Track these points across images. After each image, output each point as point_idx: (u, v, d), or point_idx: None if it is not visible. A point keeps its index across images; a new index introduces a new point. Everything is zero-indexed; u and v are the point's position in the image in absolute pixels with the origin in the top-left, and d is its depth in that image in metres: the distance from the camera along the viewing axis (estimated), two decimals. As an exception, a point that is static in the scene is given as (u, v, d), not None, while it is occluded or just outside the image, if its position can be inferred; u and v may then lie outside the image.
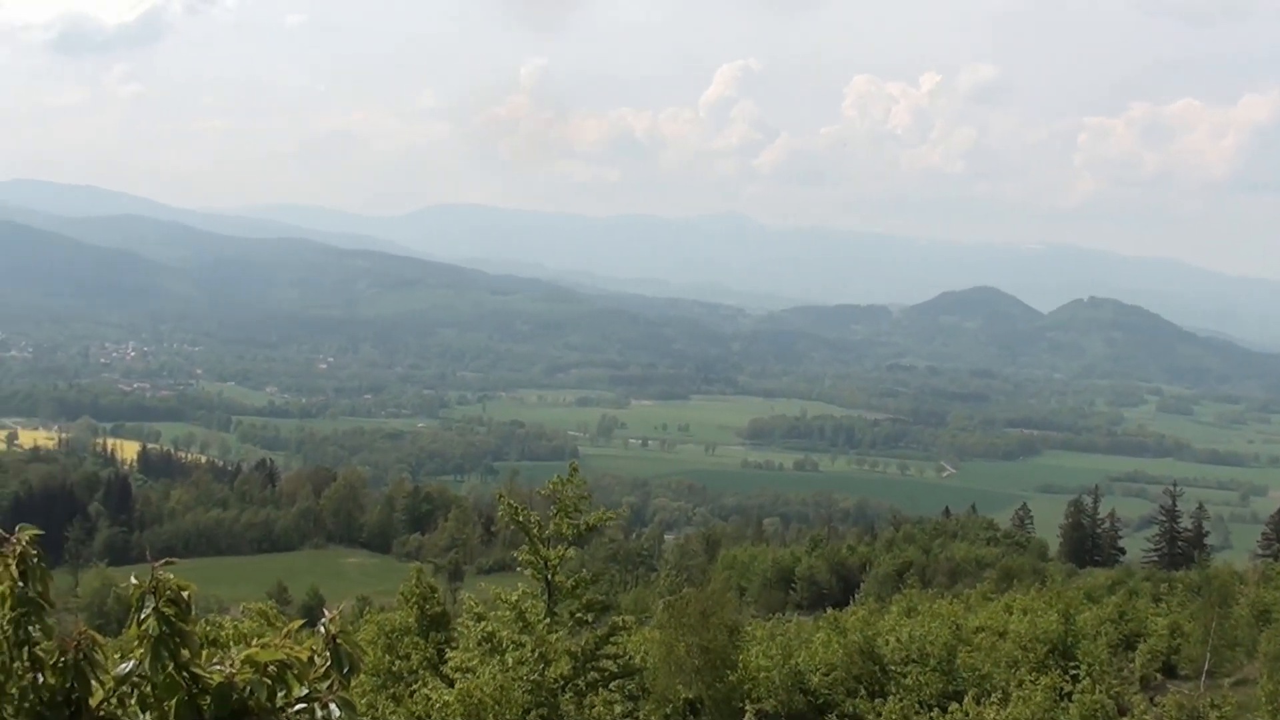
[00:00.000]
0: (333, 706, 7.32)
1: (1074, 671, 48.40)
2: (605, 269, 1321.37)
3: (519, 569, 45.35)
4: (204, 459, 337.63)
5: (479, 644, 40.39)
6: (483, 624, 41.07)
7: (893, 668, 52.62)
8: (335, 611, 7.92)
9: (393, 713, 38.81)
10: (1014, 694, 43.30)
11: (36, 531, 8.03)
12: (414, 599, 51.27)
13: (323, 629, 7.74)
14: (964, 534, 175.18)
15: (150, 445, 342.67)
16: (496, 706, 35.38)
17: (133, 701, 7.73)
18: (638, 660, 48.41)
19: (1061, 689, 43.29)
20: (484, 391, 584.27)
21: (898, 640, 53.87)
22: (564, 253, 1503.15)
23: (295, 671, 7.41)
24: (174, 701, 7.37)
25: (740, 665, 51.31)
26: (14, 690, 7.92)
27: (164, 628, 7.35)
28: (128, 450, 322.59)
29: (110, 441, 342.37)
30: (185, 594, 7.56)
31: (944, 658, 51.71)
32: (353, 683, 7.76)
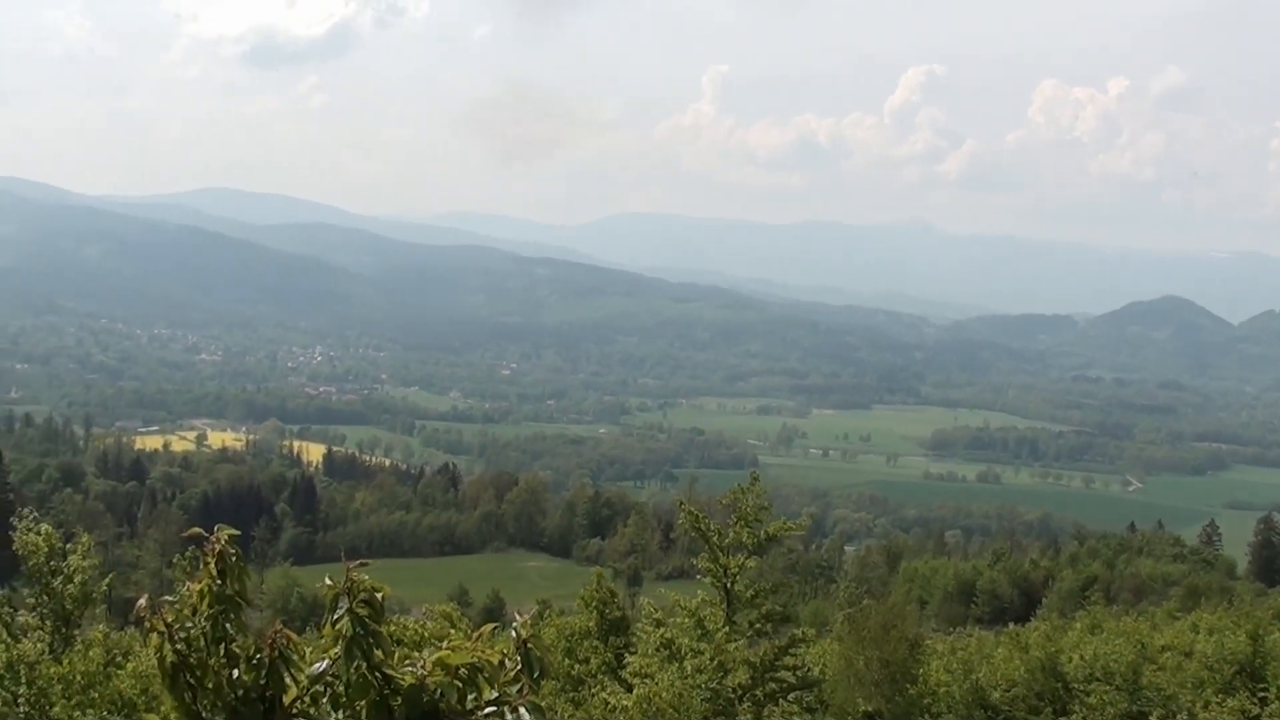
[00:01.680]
0: (522, 711, 7.45)
1: (1262, 694, 47.33)
2: (787, 276, 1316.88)
3: (698, 576, 45.35)
4: (388, 462, 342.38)
5: (657, 650, 40.48)
6: (661, 630, 41.16)
7: (1076, 686, 51.76)
8: (526, 616, 8.07)
9: (571, 716, 39.09)
10: (1200, 716, 42.57)
11: (234, 531, 8.29)
12: (594, 603, 51.50)
13: (513, 633, 7.90)
14: (1149, 550, 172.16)
15: (335, 448, 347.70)
16: (675, 713, 35.47)
17: (325, 700, 7.95)
18: (816, 672, 48.18)
19: (1249, 712, 42.40)
20: (664, 398, 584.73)
21: (1081, 658, 52.97)
22: (745, 260, 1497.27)
23: (486, 675, 7.57)
24: (366, 702, 7.57)
25: (920, 680, 50.86)
26: (211, 685, 8.19)
27: (357, 628, 7.56)
28: (313, 452, 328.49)
29: (296, 444, 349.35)
30: (379, 595, 7.77)
31: (1128, 677, 50.75)
32: (542, 687, 7.90)
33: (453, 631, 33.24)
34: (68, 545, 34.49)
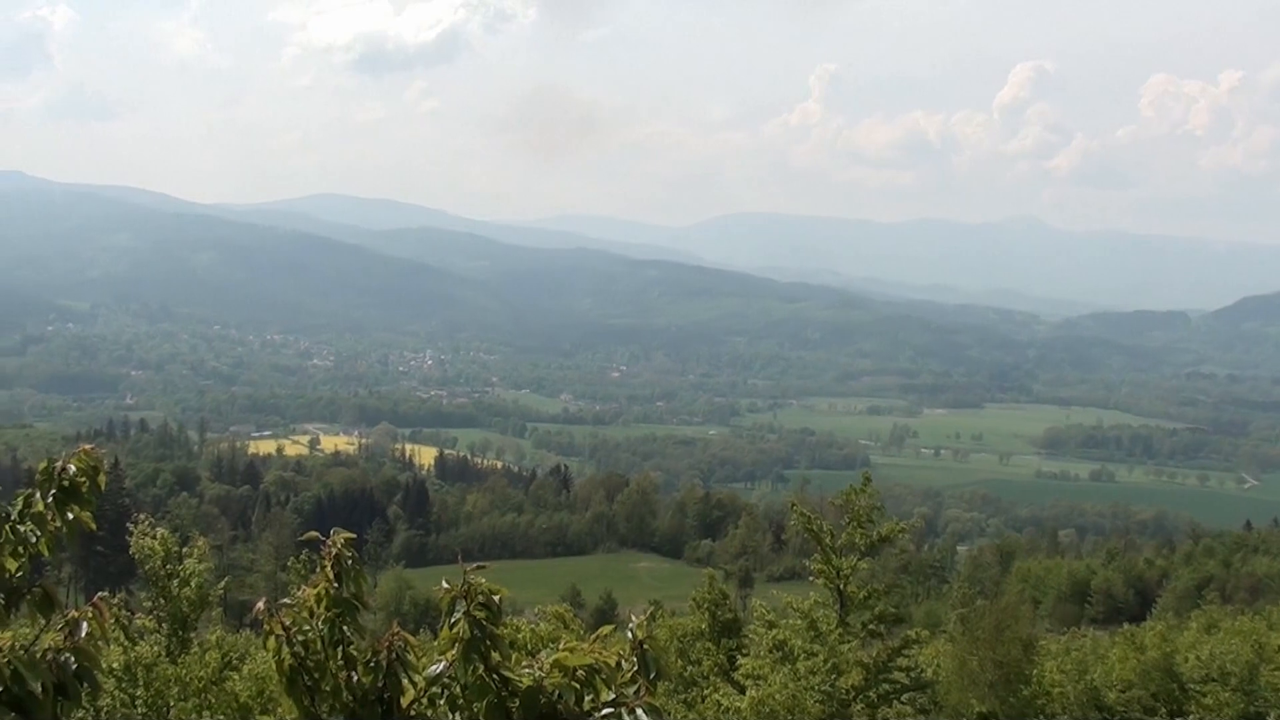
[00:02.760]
0: (640, 712, 7.38)
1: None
2: (896, 275, 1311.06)
3: (810, 578, 45.17)
4: (499, 464, 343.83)
5: (770, 651, 40.37)
6: (774, 631, 41.04)
7: (1192, 686, 51.18)
8: (641, 617, 8.01)
9: (684, 718, 39.02)
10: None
11: (350, 535, 8.29)
12: (706, 605, 51.50)
13: (629, 634, 7.84)
14: (1266, 548, 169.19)
15: (447, 451, 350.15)
16: (788, 715, 35.33)
17: (442, 702, 7.93)
18: (930, 673, 47.94)
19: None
20: (775, 399, 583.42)
21: (1197, 658, 52.37)
22: (854, 259, 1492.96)
23: (603, 676, 7.51)
24: (483, 704, 7.54)
25: (1034, 680, 50.50)
26: (329, 688, 8.20)
27: (475, 631, 7.52)
28: (425, 455, 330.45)
29: (408, 447, 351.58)
30: (496, 598, 7.74)
31: (1245, 677, 50.07)
32: (659, 689, 7.83)
33: (566, 632, 33.28)
34: (183, 549, 34.81)
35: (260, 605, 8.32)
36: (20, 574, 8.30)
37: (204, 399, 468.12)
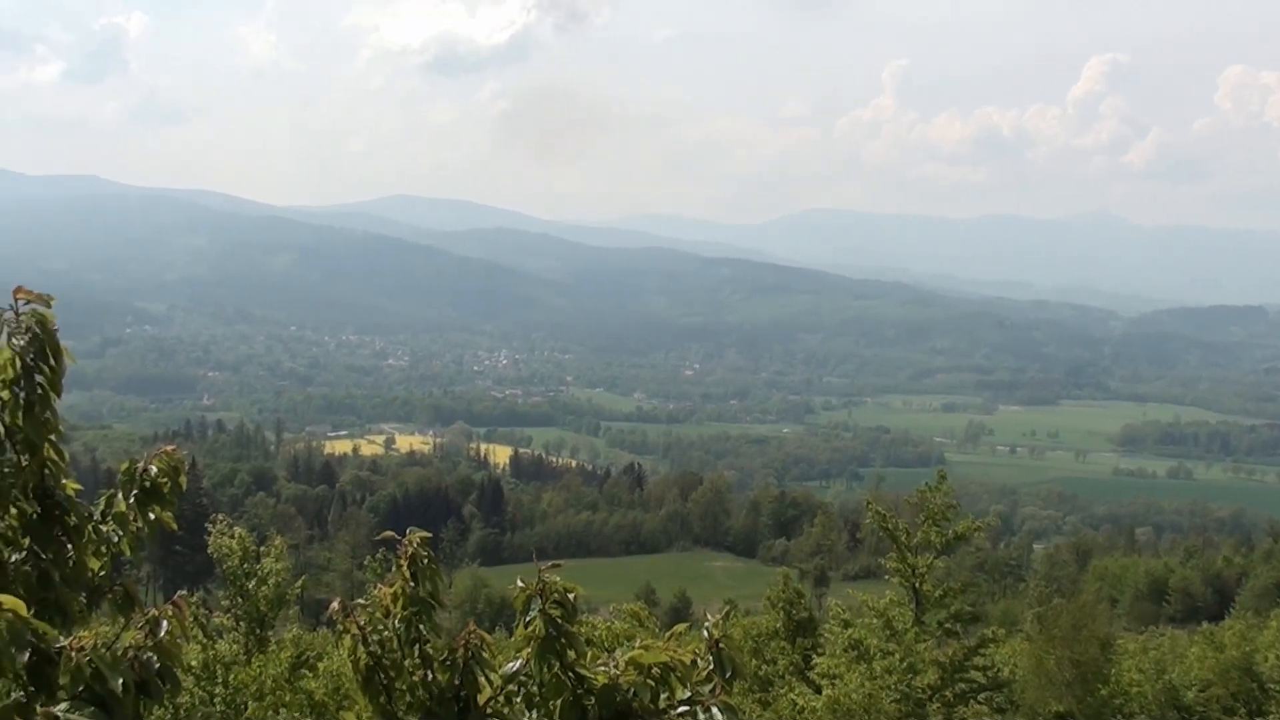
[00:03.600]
0: (715, 710, 7.41)
1: None
2: (970, 271, 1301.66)
3: (886, 576, 45.11)
4: (574, 463, 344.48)
5: (845, 650, 40.29)
6: (849, 630, 40.99)
7: (1272, 686, 50.66)
8: (717, 616, 8.04)
9: (759, 717, 39.01)
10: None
11: (426, 534, 8.36)
12: (781, 604, 51.50)
13: (705, 633, 7.87)
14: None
15: (522, 450, 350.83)
16: (864, 714, 35.26)
17: (518, 700, 7.99)
18: (1006, 673, 47.74)
19: None
20: (849, 397, 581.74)
21: (1277, 657, 51.81)
22: (927, 256, 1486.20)
23: (679, 675, 7.53)
24: (560, 702, 7.58)
25: (1112, 680, 50.14)
26: (405, 686, 8.27)
27: (550, 629, 7.57)
28: (500, 454, 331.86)
29: (483, 446, 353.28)
30: (571, 596, 7.78)
31: (1327, 676, 49.57)
32: (734, 688, 7.86)
33: (641, 631, 33.36)
34: (261, 548, 35.12)
35: (336, 604, 8.43)
36: (103, 573, 8.42)
37: (280, 399, 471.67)
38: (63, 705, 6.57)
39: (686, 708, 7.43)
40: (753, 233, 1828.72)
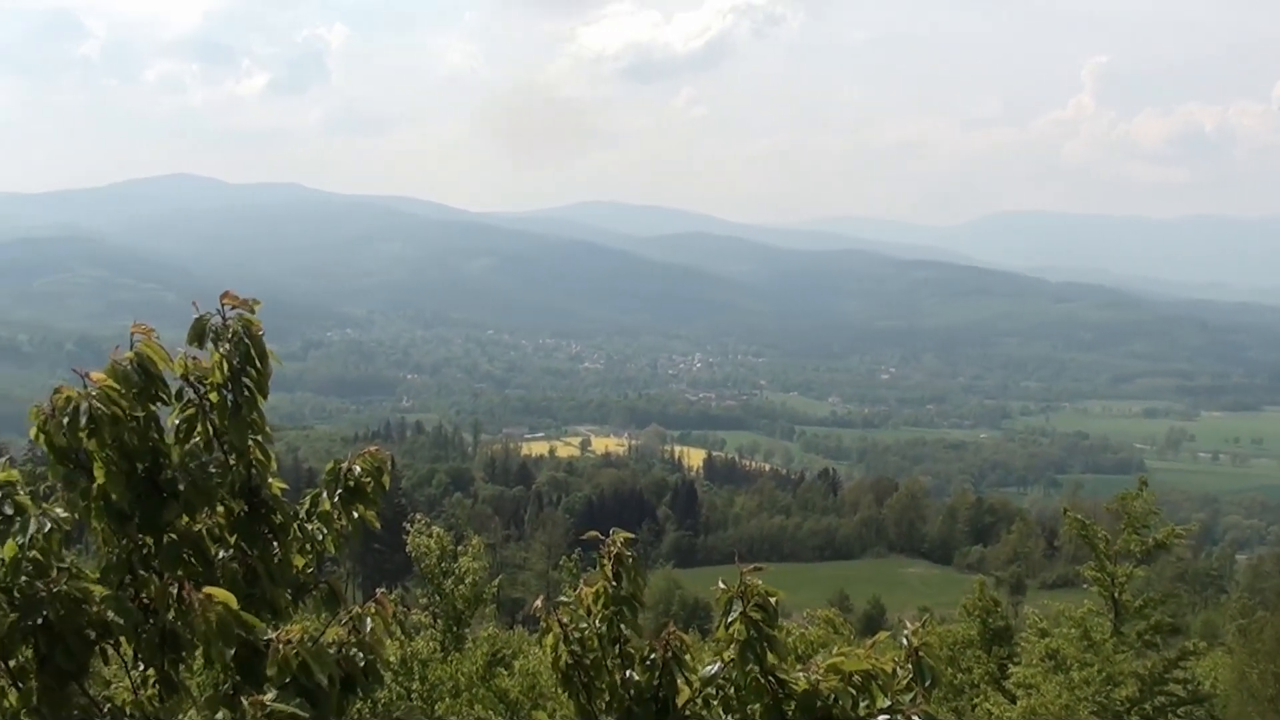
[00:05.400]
0: (915, 720, 7.39)
1: None
2: (1170, 273, 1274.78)
3: (1084, 585, 44.47)
4: (767, 467, 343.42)
5: (1042, 660, 39.80)
6: (1046, 640, 40.45)
7: None
8: (917, 624, 8.02)
9: (955, 726, 38.70)
10: None
11: (629, 535, 8.46)
12: (977, 612, 51.00)
13: (905, 641, 7.85)
14: None
15: (715, 453, 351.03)
16: (1061, 725, 34.82)
17: (716, 703, 8.04)
18: (1207, 686, 46.74)
19: None
20: (1047, 402, 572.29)
21: None
22: (1126, 257, 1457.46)
23: (880, 682, 7.53)
24: (759, 706, 7.62)
25: (1320, 695, 48.88)
26: (605, 685, 8.36)
27: (751, 632, 7.61)
28: (694, 457, 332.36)
29: (677, 449, 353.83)
30: (773, 600, 7.81)
31: None
32: (934, 696, 7.84)
33: (836, 637, 33.26)
34: (458, 547, 35.60)
35: (538, 602, 8.56)
36: (308, 570, 8.64)
37: (478, 401, 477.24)
38: (271, 695, 6.76)
39: (886, 716, 7.41)
40: (948, 234, 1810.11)
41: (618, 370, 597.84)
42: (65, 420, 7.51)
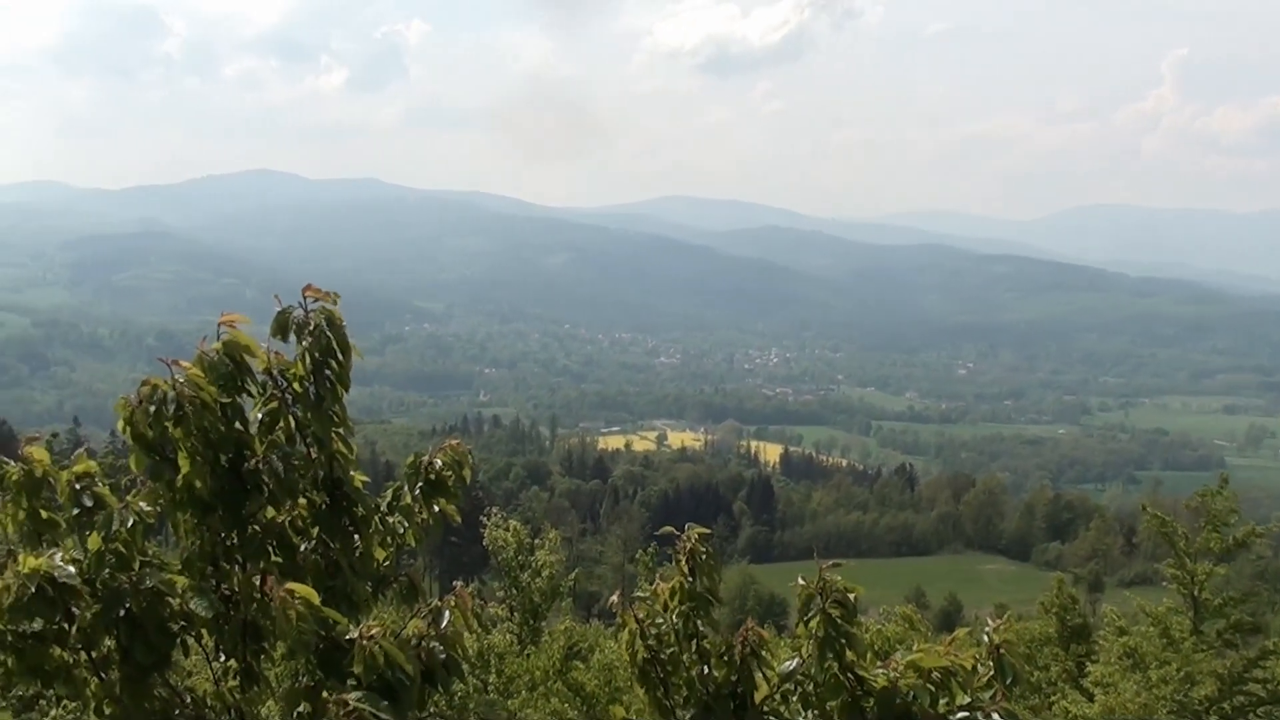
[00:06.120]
0: (996, 717, 7.36)
1: None
2: (1251, 267, 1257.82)
3: (1163, 583, 44.12)
4: (844, 462, 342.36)
5: (1120, 659, 39.51)
6: (1125, 638, 40.15)
7: None
8: (998, 621, 7.99)
9: (1033, 724, 38.48)
10: None
11: (705, 530, 8.47)
12: (1054, 609, 50.71)
13: (986, 638, 7.82)
14: None
15: (792, 448, 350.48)
16: (1140, 724, 34.57)
17: (795, 699, 8.04)
18: (1290, 687, 46.19)
19: None
20: (1126, 397, 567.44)
21: None
22: (1207, 251, 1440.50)
23: (959, 680, 7.50)
24: (837, 702, 7.62)
25: None
26: (681, 681, 8.38)
27: (830, 628, 7.61)
28: (770, 452, 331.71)
29: (754, 444, 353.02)
30: (852, 596, 7.81)
31: None
32: (1014, 694, 7.80)
33: (914, 634, 33.17)
34: (535, 541, 35.73)
35: (615, 597, 8.58)
36: (388, 563, 8.72)
37: (554, 396, 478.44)
38: (355, 694, 6.80)
39: (966, 714, 7.39)
40: (1027, 229, 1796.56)
41: (694, 365, 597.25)
42: (152, 409, 7.59)
